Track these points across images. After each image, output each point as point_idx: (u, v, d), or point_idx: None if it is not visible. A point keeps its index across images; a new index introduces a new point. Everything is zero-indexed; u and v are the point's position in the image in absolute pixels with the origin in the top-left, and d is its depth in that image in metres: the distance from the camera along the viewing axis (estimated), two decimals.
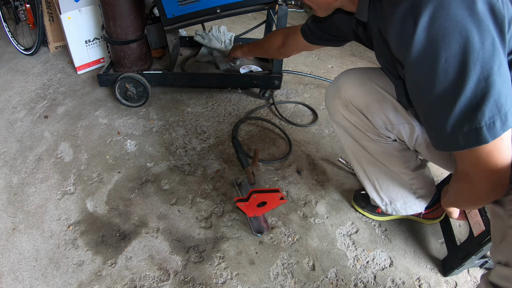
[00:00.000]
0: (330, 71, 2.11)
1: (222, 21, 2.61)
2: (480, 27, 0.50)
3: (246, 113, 1.67)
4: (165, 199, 1.24)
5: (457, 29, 0.50)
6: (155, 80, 1.63)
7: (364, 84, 0.88)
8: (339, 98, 0.92)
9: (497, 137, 0.54)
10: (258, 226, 1.15)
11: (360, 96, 0.88)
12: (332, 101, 0.96)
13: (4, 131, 1.49)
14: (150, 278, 1.01)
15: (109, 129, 1.53)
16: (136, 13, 1.50)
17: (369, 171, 1.01)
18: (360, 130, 0.92)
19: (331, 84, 0.99)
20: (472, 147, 0.56)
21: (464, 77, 0.52)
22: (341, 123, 0.96)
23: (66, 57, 2.02)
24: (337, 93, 0.93)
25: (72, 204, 1.21)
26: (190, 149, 1.45)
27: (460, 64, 0.52)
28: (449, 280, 1.05)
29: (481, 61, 0.51)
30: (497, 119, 0.53)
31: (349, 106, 0.91)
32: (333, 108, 0.97)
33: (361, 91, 0.88)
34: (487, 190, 0.62)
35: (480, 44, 0.50)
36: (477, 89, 0.52)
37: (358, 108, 0.89)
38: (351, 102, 0.90)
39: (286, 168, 1.39)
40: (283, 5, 1.42)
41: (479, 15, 0.50)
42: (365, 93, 0.87)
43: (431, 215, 1.12)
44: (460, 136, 0.56)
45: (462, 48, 0.51)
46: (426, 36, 0.53)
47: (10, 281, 0.98)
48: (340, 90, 0.92)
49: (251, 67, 1.75)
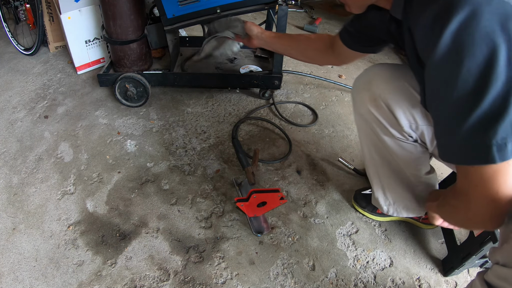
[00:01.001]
0: (330, 71, 2.11)
1: None
2: (509, 44, 0.49)
3: (246, 113, 1.67)
4: (165, 199, 1.24)
5: (485, 41, 0.49)
6: (155, 80, 1.63)
7: (396, 80, 0.86)
8: (369, 91, 0.89)
9: (506, 159, 0.52)
10: (258, 226, 1.15)
11: (391, 92, 0.85)
12: (360, 93, 0.92)
13: (4, 131, 1.49)
14: (150, 278, 1.01)
15: (109, 129, 1.53)
16: (136, 13, 1.50)
17: (381, 168, 0.99)
18: (383, 125, 0.89)
19: (361, 75, 0.95)
20: (478, 164, 0.54)
21: (483, 90, 0.51)
22: (365, 116, 0.93)
23: (66, 57, 2.02)
24: (368, 85, 0.90)
25: (72, 204, 1.20)
26: (190, 149, 1.45)
27: (482, 77, 0.50)
28: (449, 280, 1.05)
29: (503, 78, 0.50)
30: (510, 141, 0.51)
31: (377, 100, 0.88)
32: (360, 100, 0.93)
33: (392, 87, 0.85)
34: (483, 219, 0.60)
35: (506, 61, 0.49)
36: (494, 106, 0.51)
37: (386, 104, 0.86)
38: (380, 96, 0.87)
39: (286, 168, 1.39)
40: (283, 5, 1.42)
41: (510, 32, 0.49)
42: (396, 89, 0.85)
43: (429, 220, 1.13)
44: (469, 149, 0.54)
45: (486, 61, 0.50)
46: (453, 41, 0.51)
47: (10, 281, 0.98)
48: (371, 84, 0.89)
49: (251, 67, 1.75)
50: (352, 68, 2.17)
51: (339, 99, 1.84)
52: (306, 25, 2.63)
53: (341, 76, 2.07)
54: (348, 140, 1.57)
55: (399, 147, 0.91)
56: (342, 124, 1.65)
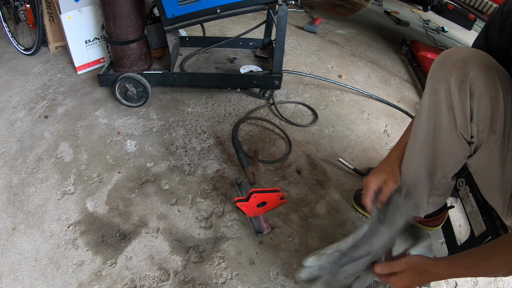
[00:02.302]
0: (330, 71, 2.11)
1: (222, 21, 2.61)
2: None
3: (246, 113, 1.67)
4: (165, 199, 1.24)
5: None
6: (155, 80, 1.63)
7: (494, 73, 0.78)
8: (460, 70, 0.79)
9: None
10: (258, 226, 1.15)
11: (482, 81, 0.77)
12: (449, 69, 0.81)
13: (4, 131, 1.49)
14: (150, 278, 1.01)
15: (109, 129, 1.53)
16: (136, 13, 1.50)
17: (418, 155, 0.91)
18: (453, 110, 0.81)
19: (453, 51, 0.84)
20: None
21: None
22: (440, 92, 0.82)
23: (66, 57, 2.02)
24: (462, 63, 0.80)
25: (72, 204, 1.20)
26: (190, 149, 1.45)
27: None
28: (449, 280, 1.05)
29: None
30: None
31: (465, 83, 0.78)
32: (444, 75, 0.81)
33: (486, 76, 0.77)
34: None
35: None
36: None
37: (471, 90, 0.78)
38: (470, 80, 0.78)
39: (286, 168, 1.39)
40: (283, 5, 1.42)
41: None
42: (487, 80, 0.77)
43: (428, 223, 1.12)
44: None
45: None
46: None
47: (10, 281, 0.98)
48: (467, 63, 0.79)
49: (251, 67, 1.75)
50: (352, 68, 2.17)
51: (339, 99, 1.84)
52: (306, 25, 2.63)
53: (341, 76, 2.07)
54: (348, 140, 1.57)
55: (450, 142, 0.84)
56: (342, 124, 1.65)
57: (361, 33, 2.74)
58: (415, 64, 2.26)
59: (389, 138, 1.62)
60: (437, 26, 3.16)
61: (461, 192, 1.08)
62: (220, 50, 1.92)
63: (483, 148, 0.80)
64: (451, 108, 0.81)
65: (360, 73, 2.13)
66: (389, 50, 2.51)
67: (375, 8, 3.45)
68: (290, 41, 2.42)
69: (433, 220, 1.11)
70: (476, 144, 0.81)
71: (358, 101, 1.84)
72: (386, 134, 1.64)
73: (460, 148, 0.84)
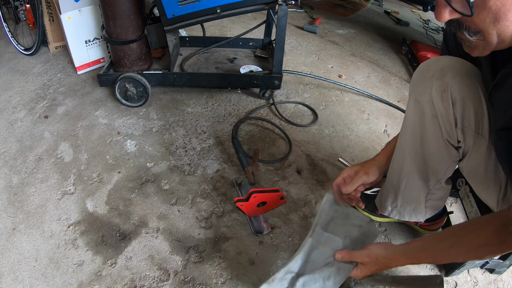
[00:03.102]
0: (330, 71, 2.11)
1: (222, 21, 2.61)
2: None
3: (246, 113, 1.67)
4: (165, 199, 1.24)
5: None
6: (155, 80, 1.63)
7: (472, 78, 0.80)
8: (440, 80, 0.82)
9: None
10: (258, 226, 1.15)
11: (462, 89, 0.80)
12: (429, 80, 0.84)
13: (4, 131, 1.49)
14: (150, 278, 1.01)
15: (109, 129, 1.53)
16: (136, 13, 1.50)
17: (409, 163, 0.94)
18: (437, 119, 0.84)
19: (431, 62, 0.87)
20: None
21: None
22: (423, 104, 0.85)
23: (66, 57, 2.02)
24: (441, 74, 0.83)
25: (72, 204, 1.21)
26: (190, 149, 1.45)
27: None
28: (449, 280, 1.05)
29: None
30: None
31: (446, 93, 0.80)
32: (425, 86, 0.85)
33: (466, 84, 0.80)
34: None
35: None
36: None
37: (453, 99, 0.81)
38: (450, 89, 0.81)
39: (286, 168, 1.39)
40: (283, 5, 1.42)
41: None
42: (468, 87, 0.80)
43: (427, 227, 1.13)
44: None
45: None
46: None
47: (10, 281, 0.98)
48: (446, 73, 0.81)
49: (251, 67, 1.75)
50: (352, 68, 2.17)
51: (339, 99, 1.84)
52: (306, 25, 2.63)
53: (341, 76, 2.07)
54: (348, 140, 1.57)
55: (438, 149, 0.87)
56: (342, 124, 1.65)
57: (361, 33, 2.74)
58: (415, 64, 2.26)
59: (389, 138, 1.62)
60: (437, 26, 3.16)
61: (461, 192, 1.08)
62: (220, 50, 1.92)
63: (472, 151, 0.83)
64: (435, 117, 0.84)
65: (360, 73, 2.13)
66: (389, 50, 2.51)
67: (375, 8, 3.45)
68: (290, 41, 2.42)
69: (433, 224, 1.12)
70: (464, 148, 0.84)
71: (358, 101, 1.84)
72: (386, 134, 1.64)
73: (447, 154, 0.87)
